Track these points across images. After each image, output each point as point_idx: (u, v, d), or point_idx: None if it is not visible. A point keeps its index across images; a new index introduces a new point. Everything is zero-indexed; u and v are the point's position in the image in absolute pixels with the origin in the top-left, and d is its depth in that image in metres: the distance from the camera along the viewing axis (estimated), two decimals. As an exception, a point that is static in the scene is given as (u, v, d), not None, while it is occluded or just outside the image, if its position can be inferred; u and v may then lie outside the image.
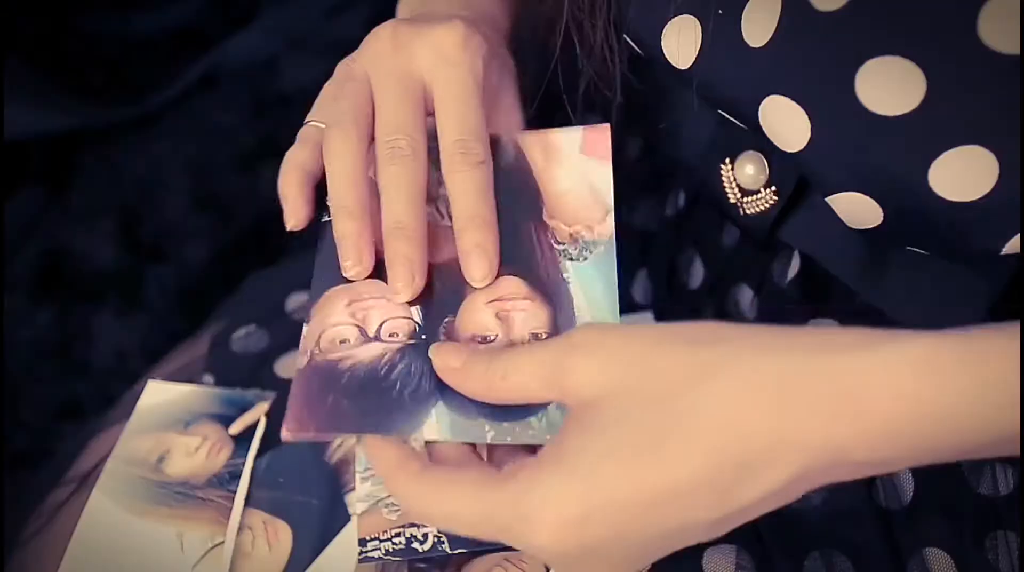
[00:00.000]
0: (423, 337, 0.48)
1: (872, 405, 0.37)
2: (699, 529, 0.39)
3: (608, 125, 0.52)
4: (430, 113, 0.51)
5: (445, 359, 0.45)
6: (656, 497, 0.38)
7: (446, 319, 0.49)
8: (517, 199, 0.52)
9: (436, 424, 0.46)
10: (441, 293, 0.50)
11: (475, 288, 0.49)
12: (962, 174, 0.43)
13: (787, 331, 0.40)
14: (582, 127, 0.53)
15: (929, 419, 0.37)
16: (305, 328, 0.49)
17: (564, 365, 0.41)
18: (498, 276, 0.49)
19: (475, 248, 0.48)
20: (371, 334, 0.48)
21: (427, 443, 0.46)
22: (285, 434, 0.46)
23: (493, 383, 0.43)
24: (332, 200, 0.50)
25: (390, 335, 0.49)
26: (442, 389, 0.46)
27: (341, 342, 0.48)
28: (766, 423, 0.37)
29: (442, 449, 0.45)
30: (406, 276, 0.48)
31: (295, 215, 0.50)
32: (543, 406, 0.45)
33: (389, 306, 0.49)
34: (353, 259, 0.49)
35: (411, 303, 0.49)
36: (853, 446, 0.37)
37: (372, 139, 0.50)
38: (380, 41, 0.51)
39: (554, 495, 0.39)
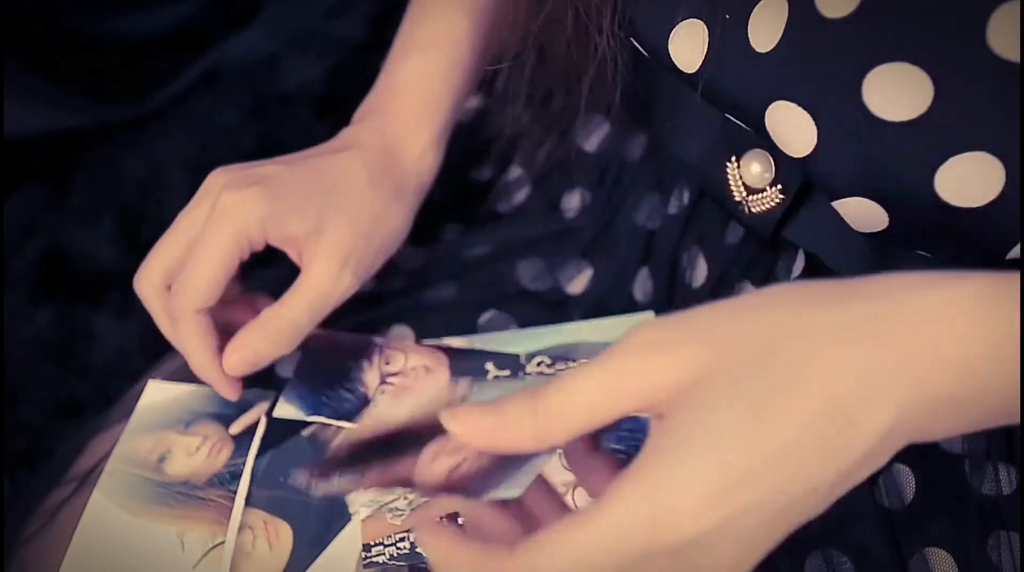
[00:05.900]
0: None
1: (944, 336, 0.36)
2: (818, 496, 0.38)
3: None
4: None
5: (467, 421, 0.38)
6: (780, 453, 0.36)
7: None
8: None
9: None
10: None
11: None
12: (968, 180, 0.43)
13: (840, 283, 0.38)
14: None
15: (998, 347, 0.36)
16: None
17: (639, 370, 0.37)
18: None
19: None
20: None
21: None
22: None
23: (548, 427, 0.38)
24: None
25: None
26: None
27: None
28: (857, 366, 0.36)
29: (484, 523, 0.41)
30: None
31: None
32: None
33: None
34: None
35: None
36: (934, 379, 0.36)
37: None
38: None
39: (691, 473, 0.36)
